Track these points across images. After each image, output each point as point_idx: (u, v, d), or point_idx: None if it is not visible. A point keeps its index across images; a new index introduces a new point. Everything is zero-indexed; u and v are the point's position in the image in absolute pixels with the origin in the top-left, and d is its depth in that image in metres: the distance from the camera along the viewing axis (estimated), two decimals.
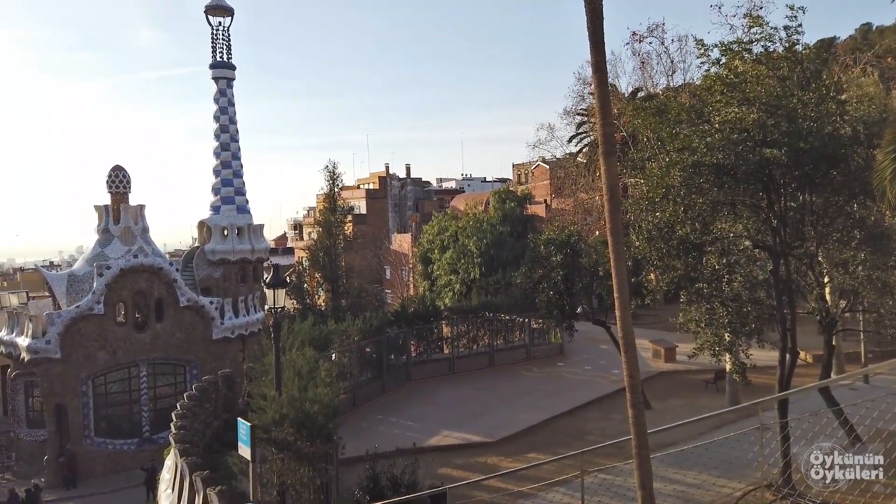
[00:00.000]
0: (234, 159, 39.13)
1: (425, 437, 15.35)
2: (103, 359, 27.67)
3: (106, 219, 30.77)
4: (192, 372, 29.47)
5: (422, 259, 42.07)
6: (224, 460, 13.31)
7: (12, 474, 27.98)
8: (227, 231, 38.05)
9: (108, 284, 27.77)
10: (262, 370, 15.65)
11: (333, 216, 39.55)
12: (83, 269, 30.02)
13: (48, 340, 26.54)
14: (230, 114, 38.96)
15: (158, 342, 28.98)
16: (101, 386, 27.90)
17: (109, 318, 28.02)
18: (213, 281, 35.91)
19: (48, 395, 26.97)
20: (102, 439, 27.52)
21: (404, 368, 21.65)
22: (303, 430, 10.95)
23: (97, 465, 26.88)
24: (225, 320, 31.01)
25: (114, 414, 28.26)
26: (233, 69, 38.91)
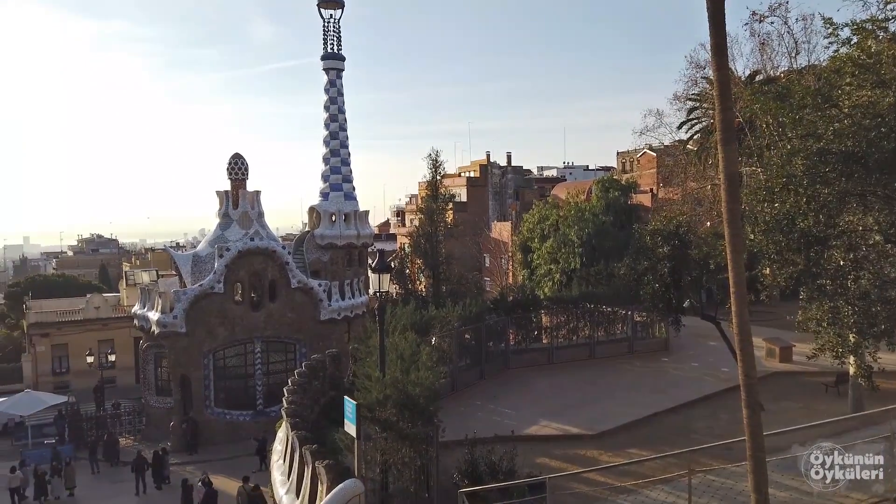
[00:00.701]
0: (342, 147, 40.49)
1: (523, 425, 15.38)
2: (222, 334, 29.66)
3: (226, 204, 32.84)
4: (301, 350, 31.01)
5: (521, 248, 41.91)
6: (330, 436, 13.96)
7: (142, 437, 30.70)
8: (335, 217, 39.54)
9: (228, 265, 29.68)
10: (367, 351, 16.24)
11: (435, 204, 40.11)
12: (205, 251, 32.25)
13: (175, 315, 28.78)
14: (339, 103, 40.30)
15: (271, 321, 30.70)
16: (221, 360, 29.97)
17: (228, 296, 29.99)
18: (321, 264, 37.50)
19: (174, 366, 29.32)
20: (221, 409, 29.60)
21: (502, 356, 21.73)
22: (405, 412, 11.30)
23: (216, 432, 28.96)
24: (332, 302, 32.35)
25: (231, 386, 30.28)
26: (342, 60, 40.16)
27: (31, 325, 42.55)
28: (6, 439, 30.17)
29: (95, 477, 26.19)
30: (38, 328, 41.93)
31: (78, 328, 42.07)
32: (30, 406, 30.15)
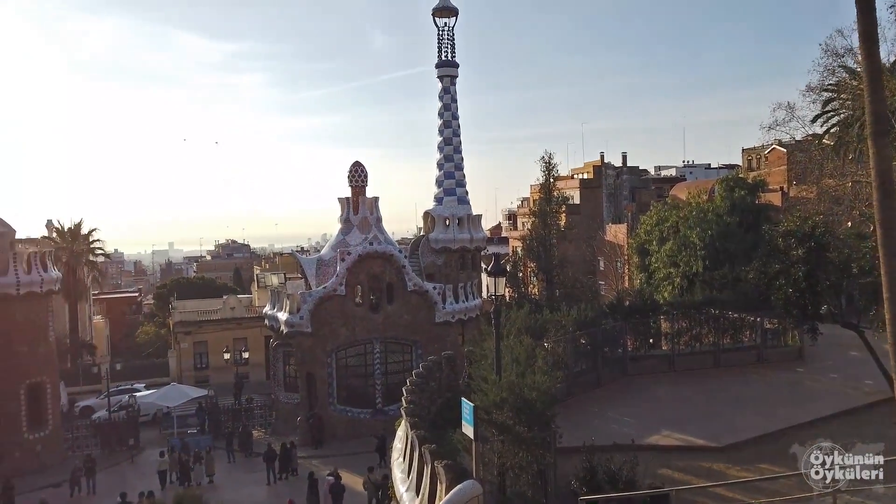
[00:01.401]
0: (455, 153, 41.14)
1: (643, 434, 14.93)
2: (344, 335, 31.04)
3: (347, 210, 34.36)
4: (417, 351, 31.81)
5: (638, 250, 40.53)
6: (447, 436, 14.25)
7: (272, 430, 32.70)
8: (449, 221, 40.22)
9: (349, 269, 31.05)
10: (481, 354, 16.40)
11: (548, 206, 39.82)
12: (329, 255, 33.91)
13: (301, 316, 30.47)
14: (453, 110, 40.98)
15: (389, 322, 31.75)
16: (343, 359, 31.38)
17: (349, 298, 31.36)
18: (435, 268, 38.30)
19: (301, 363, 31.05)
20: (343, 406, 30.98)
21: (620, 362, 21.17)
22: (521, 416, 11.34)
23: (339, 428, 30.35)
24: (446, 305, 32.93)
25: (352, 385, 31.61)
26: (456, 67, 40.81)
27: (176, 323, 46.62)
28: (155, 428, 33.19)
29: (231, 466, 28.21)
30: (181, 327, 45.88)
31: (216, 327, 45.61)
32: (175, 398, 33.03)
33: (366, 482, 20.83)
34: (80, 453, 28.43)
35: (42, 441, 28.34)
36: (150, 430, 32.83)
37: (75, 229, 49.94)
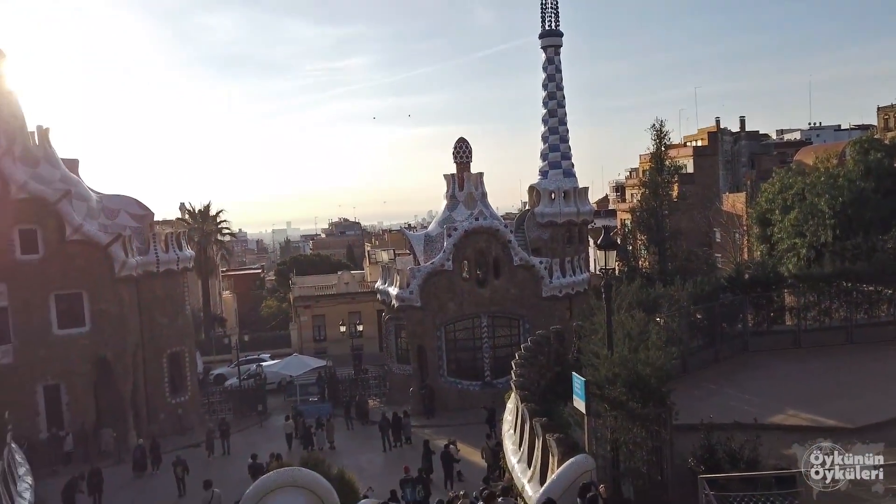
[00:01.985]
0: (560, 125, 40.38)
1: (766, 413, 14.24)
2: (452, 309, 31.65)
3: (452, 186, 34.74)
4: (524, 326, 31.90)
5: (759, 220, 38.16)
6: (558, 410, 14.30)
7: (386, 400, 34.08)
8: (555, 194, 39.69)
9: (455, 244, 31.50)
10: (591, 329, 16.21)
11: (660, 176, 38.29)
12: (435, 231, 34.53)
13: (411, 291, 31.35)
14: (557, 80, 40.15)
15: (496, 297, 31.99)
16: (451, 332, 32.06)
17: (457, 273, 31.87)
18: (542, 242, 38.02)
19: (412, 336, 32.04)
20: (453, 378, 31.73)
21: (740, 338, 20.21)
22: (635, 391, 11.16)
23: (450, 399, 31.15)
24: (553, 279, 32.69)
25: (461, 358, 32.28)
26: (560, 36, 39.89)
27: (296, 298, 49.40)
28: (280, 395, 35.54)
29: (349, 433, 29.74)
30: (301, 301, 48.57)
31: (332, 301, 47.92)
32: (297, 368, 35.15)
33: (484, 449, 21.44)
34: (216, 417, 31.02)
35: (182, 405, 31.14)
36: (276, 397, 35.15)
37: (205, 211, 53.88)
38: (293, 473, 11.79)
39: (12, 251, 26.23)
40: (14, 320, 26.17)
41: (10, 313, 26.12)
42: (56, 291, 26.76)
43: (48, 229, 26.64)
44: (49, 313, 26.64)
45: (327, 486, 11.71)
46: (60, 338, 26.76)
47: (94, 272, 27.20)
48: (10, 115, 27.45)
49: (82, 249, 27.01)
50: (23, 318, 26.24)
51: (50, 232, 26.66)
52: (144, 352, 29.46)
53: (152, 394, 29.79)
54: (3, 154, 26.00)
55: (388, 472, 22.21)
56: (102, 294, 27.35)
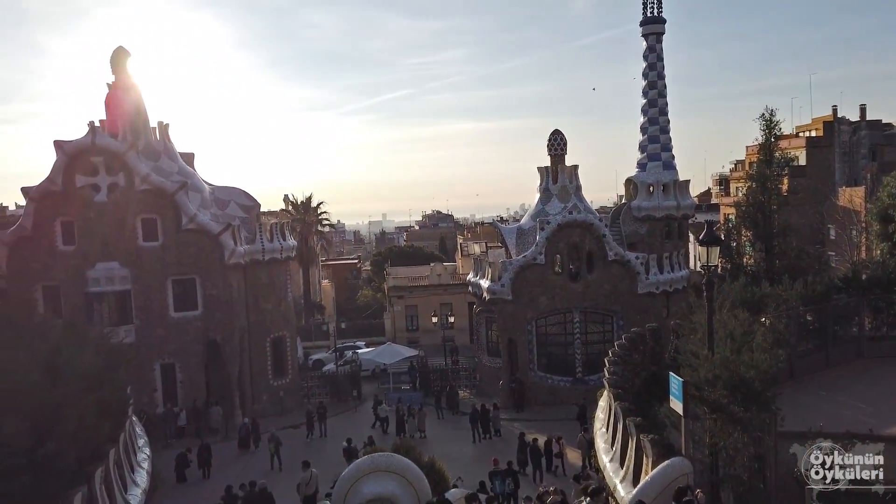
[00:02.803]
0: (661, 115, 39.05)
1: (884, 424, 13.22)
2: (544, 303, 31.40)
3: (546, 179, 34.37)
4: (618, 322, 31.18)
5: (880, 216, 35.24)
6: (652, 410, 13.92)
7: (477, 392, 34.33)
8: (653, 188, 38.45)
9: (548, 238, 31.19)
10: (690, 328, 15.65)
11: (768, 169, 36.20)
12: (528, 224, 34.32)
13: (502, 284, 31.37)
14: (658, 69, 38.83)
15: (589, 292, 31.43)
16: (543, 327, 31.82)
17: (549, 267, 31.56)
18: (638, 237, 36.96)
19: (502, 329, 32.08)
20: (543, 373, 31.52)
21: (855, 343, 18.87)
22: (737, 394, 10.73)
23: (540, 394, 30.98)
24: (650, 276, 31.72)
25: (552, 352, 31.98)
26: (662, 23, 38.53)
27: (390, 288, 50.63)
28: (374, 382, 36.60)
29: (440, 422, 30.20)
30: (395, 291, 49.74)
31: (424, 292, 48.76)
32: (391, 356, 36.05)
33: (580, 440, 21.30)
34: (314, 400, 32.37)
35: (283, 388, 32.72)
36: (370, 384, 36.23)
37: (307, 202, 56.19)
38: (387, 459, 12.16)
39: (135, 238, 28.43)
40: (136, 303, 28.39)
41: (132, 296, 28.36)
42: (173, 276, 28.79)
43: (167, 218, 28.67)
44: (167, 297, 28.71)
45: (419, 472, 12.00)
46: (176, 320, 28.79)
47: (206, 259, 29.02)
48: (135, 111, 29.71)
49: (196, 238, 28.88)
50: (143, 300, 28.43)
51: (168, 221, 28.68)
52: (250, 336, 31.16)
53: (256, 376, 31.48)
54: (128, 148, 28.20)
55: (478, 463, 22.41)
56: (213, 280, 29.15)
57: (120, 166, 28.07)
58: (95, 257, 27.87)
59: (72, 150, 27.80)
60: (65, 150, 27.77)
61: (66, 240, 28.18)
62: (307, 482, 18.02)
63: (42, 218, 28.03)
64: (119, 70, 29.58)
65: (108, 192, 28.07)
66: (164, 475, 21.77)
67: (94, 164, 27.98)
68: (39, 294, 28.20)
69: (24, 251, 28.17)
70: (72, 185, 27.91)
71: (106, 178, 28.07)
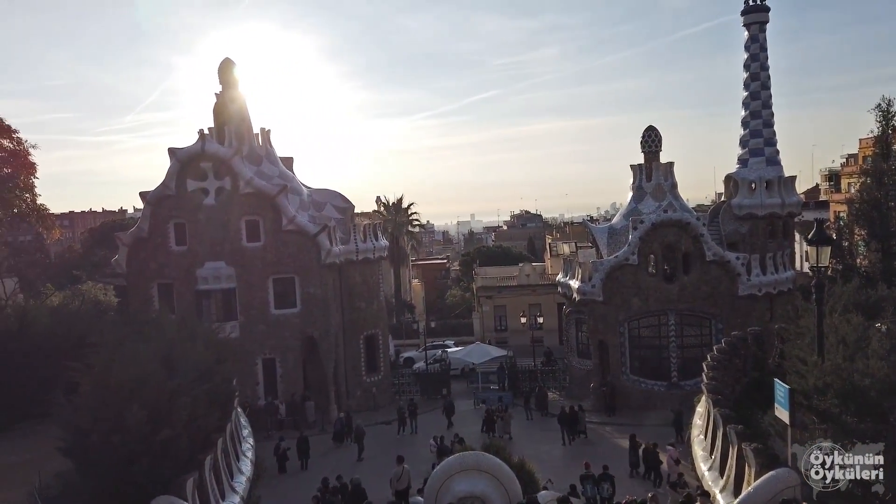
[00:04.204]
0: (764, 108, 37.16)
1: None
2: (636, 305, 30.56)
3: (639, 177, 33.45)
4: (716, 326, 29.90)
5: None
6: (755, 418, 13.31)
7: (566, 394, 33.88)
8: (755, 185, 36.68)
9: (641, 237, 30.33)
10: (797, 332, 14.85)
11: (885, 163, 33.66)
12: (620, 223, 33.53)
13: (593, 285, 30.80)
14: (761, 60, 36.98)
15: (685, 294, 30.30)
16: (635, 329, 30.97)
17: (642, 268, 30.69)
18: (739, 236, 35.32)
19: (593, 331, 31.50)
20: (636, 377, 30.68)
21: None
22: (849, 404, 10.10)
23: (632, 398, 30.19)
24: (752, 277, 30.21)
25: (645, 356, 31.07)
26: (766, 11, 36.67)
27: (479, 288, 50.85)
28: (463, 381, 36.88)
29: (528, 423, 30.04)
30: (483, 291, 49.90)
31: (513, 292, 48.63)
32: (479, 356, 36.23)
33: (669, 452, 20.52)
34: (405, 397, 33.05)
35: (376, 384, 33.61)
36: (459, 382, 36.56)
37: (398, 204, 57.41)
38: (478, 458, 12.28)
39: (239, 239, 30.07)
40: (240, 300, 30.03)
41: (237, 294, 30.01)
42: (273, 275, 30.21)
43: (268, 220, 30.13)
44: (268, 294, 30.17)
45: (510, 473, 12.05)
46: (276, 317, 30.20)
47: (304, 259, 30.27)
48: (240, 118, 31.45)
49: (295, 238, 30.18)
50: (247, 298, 30.01)
51: (269, 222, 30.14)
52: (344, 333, 32.23)
53: (350, 372, 32.51)
54: (234, 154, 29.87)
55: (567, 466, 22.15)
56: (310, 279, 30.36)
57: (226, 171, 29.80)
58: (204, 257, 29.73)
59: (184, 156, 29.79)
60: (178, 156, 29.80)
61: (178, 240, 30.22)
62: (399, 477, 18.43)
63: (157, 220, 30.20)
64: (226, 80, 31.42)
65: (215, 195, 29.87)
66: (266, 465, 22.90)
67: (204, 170, 29.85)
68: (155, 291, 30.38)
69: (141, 251, 30.45)
70: (183, 190, 29.91)
71: (214, 182, 29.89)
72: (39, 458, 16.48)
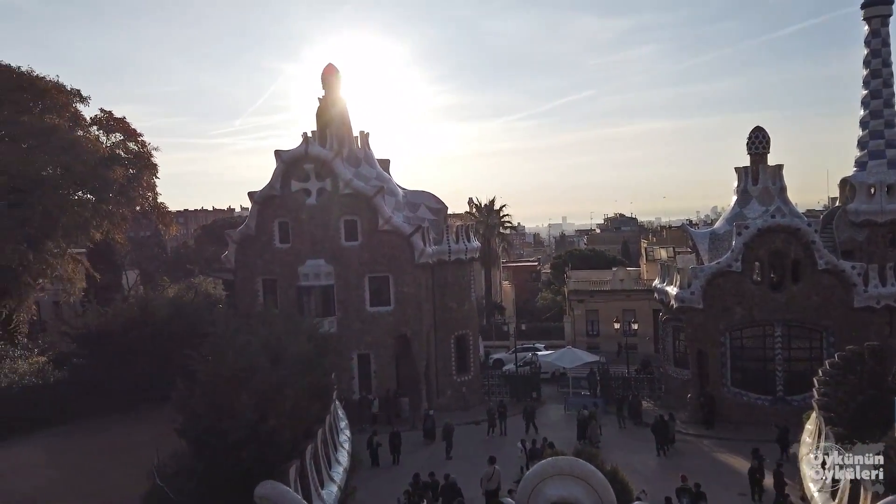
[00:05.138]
0: (885, 107, 34.64)
1: None
2: (739, 314, 29.19)
3: (745, 180, 31.96)
4: (828, 339, 28.11)
5: None
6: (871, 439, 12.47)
7: (661, 403, 32.86)
8: (875, 189, 34.24)
9: (746, 243, 28.95)
10: None
11: None
12: (723, 228, 32.15)
13: (692, 292, 29.70)
14: (883, 55, 34.47)
15: (793, 304, 28.65)
16: (738, 339, 29.59)
17: (746, 276, 29.28)
18: (855, 244, 33.09)
19: (691, 340, 30.38)
20: (737, 389, 29.30)
21: None
22: None
23: (732, 411, 28.87)
24: (869, 288, 28.20)
25: (748, 368, 29.60)
26: (889, 4, 34.09)
27: (570, 291, 50.17)
28: (553, 385, 36.54)
29: (620, 432, 29.37)
30: (575, 295, 49.20)
31: (605, 297, 47.65)
32: (570, 360, 35.77)
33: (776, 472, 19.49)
34: (495, 399, 33.15)
35: (466, 384, 33.91)
36: (549, 386, 36.25)
37: (490, 205, 57.60)
38: (572, 463, 12.19)
39: (338, 238, 31.23)
40: (338, 297, 31.19)
41: (335, 291, 31.19)
42: (369, 274, 31.17)
43: (365, 220, 31.13)
44: (364, 292, 31.17)
45: (604, 480, 11.88)
46: (371, 314, 31.14)
47: (399, 258, 31.03)
48: (341, 122, 32.67)
49: (390, 238, 31.00)
50: (344, 295, 31.12)
51: (366, 222, 31.12)
52: (436, 332, 32.74)
53: (441, 371, 32.98)
54: (335, 156, 31.08)
55: (661, 478, 21.53)
56: (404, 278, 31.07)
57: (327, 172, 31.04)
58: (306, 254, 31.10)
59: (288, 158, 31.30)
60: (283, 158, 31.34)
61: (282, 238, 31.78)
62: (490, 477, 18.59)
63: (264, 219, 31.88)
64: (328, 85, 32.73)
65: (317, 195, 31.18)
66: (360, 457, 23.67)
67: (307, 171, 31.23)
68: (260, 286, 32.09)
69: (248, 248, 32.25)
70: (288, 190, 31.43)
71: (316, 183, 31.22)
72: (159, 438, 17.85)
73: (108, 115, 33.38)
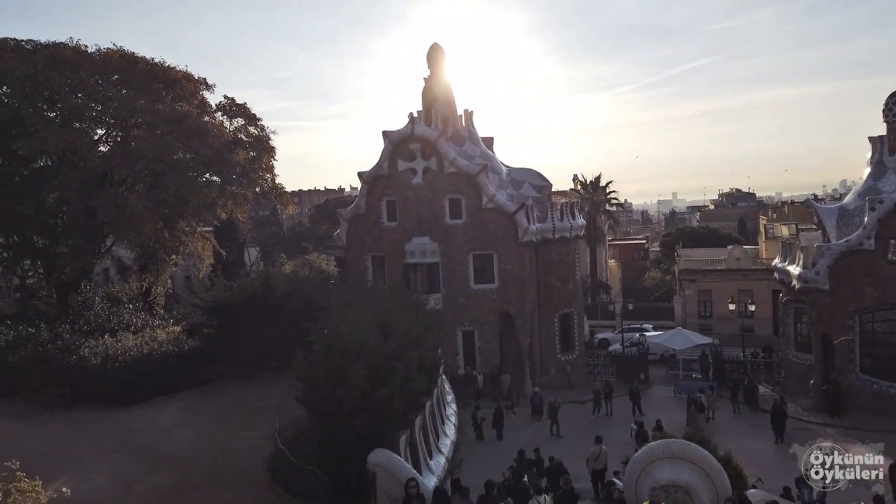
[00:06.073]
0: None
1: None
2: (871, 296, 27.00)
3: (880, 150, 29.27)
4: None
5: None
6: None
7: (781, 389, 31.11)
8: None
9: (881, 219, 26.64)
10: None
11: None
12: (853, 203, 29.71)
13: (817, 272, 27.77)
14: None
15: None
16: (868, 323, 27.41)
17: (880, 254, 26.95)
18: None
19: (815, 323, 28.48)
20: (867, 376, 27.21)
21: None
22: None
23: (860, 400, 26.90)
24: None
25: (880, 353, 27.40)
26: None
27: (681, 271, 48.26)
28: (662, 367, 35.49)
29: (735, 417, 28.15)
30: (686, 274, 47.27)
31: (720, 276, 45.46)
32: (681, 342, 34.56)
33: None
34: (600, 378, 32.71)
35: (570, 363, 33.66)
36: (657, 368, 35.25)
37: (595, 182, 56.33)
38: (684, 447, 11.93)
39: (443, 216, 31.73)
40: (443, 274, 31.78)
41: (440, 268, 31.79)
42: (473, 252, 31.50)
43: (469, 198, 31.40)
44: (468, 270, 31.57)
45: (718, 465, 11.55)
46: (475, 291, 31.51)
47: (502, 236, 31.12)
48: (445, 102, 33.00)
49: (494, 216, 31.13)
50: (449, 272, 31.66)
51: (471, 200, 31.39)
52: (540, 311, 32.66)
53: (545, 349, 32.92)
54: (440, 135, 31.48)
55: (780, 466, 20.46)
56: (508, 256, 31.15)
57: (432, 152, 31.53)
58: (412, 232, 31.88)
59: (396, 138, 32.05)
60: (390, 138, 32.13)
61: (389, 217, 32.72)
62: (597, 457, 18.47)
63: (373, 198, 32.93)
64: (434, 65, 33.12)
65: (422, 174, 31.79)
66: (465, 430, 24.21)
67: (412, 151, 31.86)
68: (369, 262, 33.28)
69: (358, 226, 33.47)
70: (395, 170, 32.24)
71: (421, 162, 31.81)
72: (280, 404, 19.13)
73: (230, 102, 35.49)
